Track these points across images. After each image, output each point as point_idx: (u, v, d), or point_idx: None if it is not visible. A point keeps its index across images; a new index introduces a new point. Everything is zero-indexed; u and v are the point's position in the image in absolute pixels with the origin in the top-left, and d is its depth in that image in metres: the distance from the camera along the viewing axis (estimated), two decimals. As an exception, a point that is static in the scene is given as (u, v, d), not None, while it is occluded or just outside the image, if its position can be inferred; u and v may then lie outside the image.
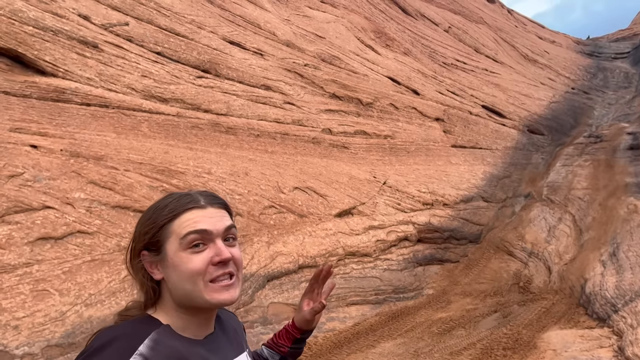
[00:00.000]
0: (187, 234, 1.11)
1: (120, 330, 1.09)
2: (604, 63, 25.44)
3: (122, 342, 1.04)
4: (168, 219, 1.14)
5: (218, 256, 1.12)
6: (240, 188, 8.24)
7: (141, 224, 1.18)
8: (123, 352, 1.02)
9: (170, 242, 1.13)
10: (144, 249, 1.16)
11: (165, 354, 1.06)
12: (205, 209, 1.16)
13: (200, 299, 1.12)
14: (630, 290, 6.70)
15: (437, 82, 14.65)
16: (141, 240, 1.16)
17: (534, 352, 5.65)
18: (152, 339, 1.07)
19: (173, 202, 1.17)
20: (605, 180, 12.29)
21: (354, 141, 11.27)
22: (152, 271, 1.15)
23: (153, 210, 1.18)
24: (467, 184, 11.41)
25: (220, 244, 1.13)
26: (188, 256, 1.11)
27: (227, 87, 9.90)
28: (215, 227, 1.14)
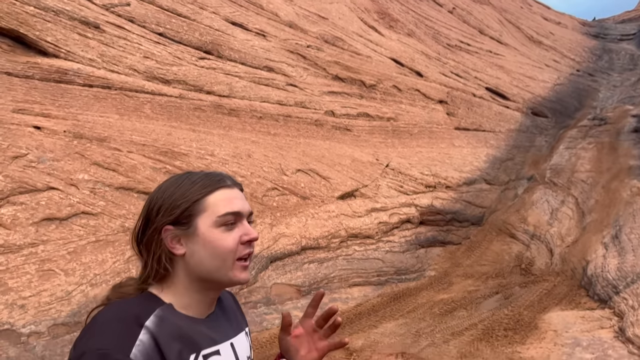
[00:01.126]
0: (225, 214, 1.14)
1: (126, 306, 1.10)
2: (610, 45, 25.19)
3: (129, 318, 1.06)
4: (202, 195, 1.15)
5: (247, 235, 1.16)
6: (243, 170, 8.25)
7: (165, 199, 1.16)
8: (130, 326, 1.04)
9: (202, 218, 1.14)
10: (170, 223, 1.15)
11: (170, 330, 1.08)
12: (232, 189, 1.20)
13: (224, 276, 1.14)
14: (632, 272, 6.73)
15: (441, 64, 14.55)
16: (169, 214, 1.15)
17: (535, 332, 5.70)
18: (157, 315, 1.09)
19: (202, 178, 1.19)
20: (609, 163, 12.27)
21: (356, 123, 11.24)
22: (173, 246, 1.15)
23: (179, 186, 1.17)
24: (470, 167, 11.40)
25: (247, 224, 1.18)
26: (221, 234, 1.13)
27: (230, 69, 9.86)
28: (244, 208, 1.19)
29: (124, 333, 1.03)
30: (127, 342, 1.01)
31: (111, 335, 1.01)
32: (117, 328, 1.03)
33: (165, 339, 1.06)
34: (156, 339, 1.05)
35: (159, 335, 1.05)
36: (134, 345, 1.01)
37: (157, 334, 1.05)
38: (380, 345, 5.50)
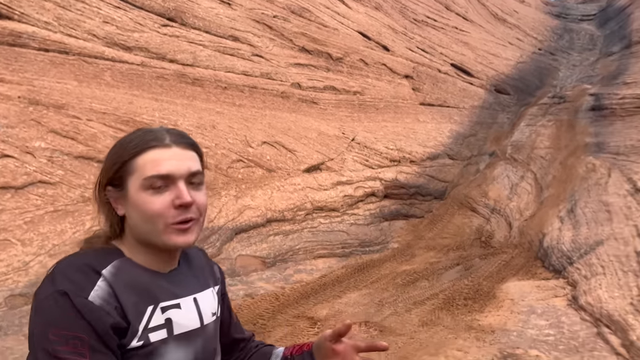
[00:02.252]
0: (150, 177, 1.08)
1: (85, 257, 1.10)
2: (571, 25, 25.67)
3: (86, 266, 1.06)
4: (131, 156, 1.11)
5: (178, 199, 1.08)
6: (207, 141, 8.12)
7: (107, 158, 1.16)
8: (88, 273, 1.04)
9: (132, 179, 1.10)
10: (108, 183, 1.14)
11: (126, 280, 1.07)
12: (169, 148, 1.12)
13: (157, 240, 1.10)
14: (586, 244, 7.00)
15: (407, 39, 14.55)
16: (106, 175, 1.14)
17: (493, 301, 5.89)
18: (115, 266, 1.08)
19: (138, 137, 1.14)
20: (567, 140, 12.62)
21: (323, 96, 11.18)
22: (116, 206, 1.14)
23: (119, 145, 1.15)
24: (434, 142, 11.54)
25: (182, 187, 1.09)
26: (149, 197, 1.08)
27: (194, 37, 9.60)
28: (178, 169, 1.10)
29: (82, 278, 1.03)
30: (86, 286, 1.02)
31: (70, 280, 1.02)
32: (76, 274, 1.03)
33: (122, 288, 1.05)
34: (112, 287, 1.04)
35: (115, 285, 1.05)
36: (92, 290, 1.02)
37: (113, 283, 1.04)
38: (344, 315, 5.58)
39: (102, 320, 1.00)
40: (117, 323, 1.02)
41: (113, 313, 1.02)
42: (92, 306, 1.00)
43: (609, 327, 4.61)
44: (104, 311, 1.01)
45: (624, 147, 11.02)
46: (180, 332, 1.11)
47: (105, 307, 1.01)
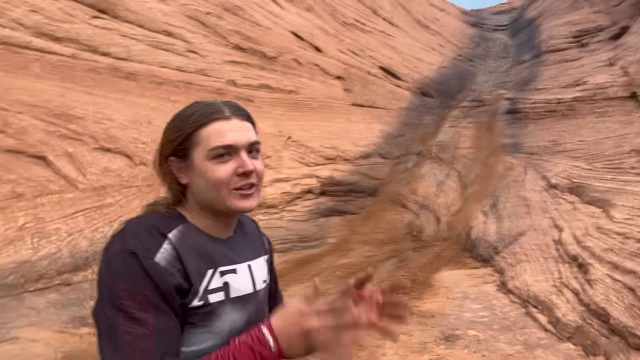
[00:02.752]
0: (215, 147, 1.15)
1: (153, 219, 1.16)
2: (486, 34, 27.31)
3: (154, 228, 1.11)
4: (194, 128, 1.16)
5: (242, 168, 1.16)
6: (143, 137, 7.94)
7: (168, 130, 1.21)
8: (155, 235, 1.10)
9: (197, 150, 1.16)
10: (171, 155, 1.19)
11: (190, 244, 1.13)
12: (229, 120, 1.18)
13: (222, 205, 1.17)
14: (509, 235, 7.57)
15: (338, 41, 14.89)
16: (168, 147, 1.19)
17: (430, 289, 6.24)
18: (180, 230, 1.14)
19: (199, 110, 1.19)
20: (486, 140, 13.47)
21: (258, 95, 11.22)
22: (179, 175, 1.19)
23: (179, 118, 1.21)
24: (366, 141, 11.92)
25: (244, 156, 1.17)
26: (213, 166, 1.15)
27: (126, 30, 9.33)
28: (240, 140, 1.17)
29: (149, 240, 1.09)
30: (152, 248, 1.08)
31: (139, 240, 1.08)
32: (144, 235, 1.09)
33: (186, 251, 1.12)
34: (177, 250, 1.10)
35: (180, 248, 1.11)
36: (158, 251, 1.08)
37: (178, 246, 1.11)
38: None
39: (167, 281, 1.06)
40: (179, 284, 1.08)
41: (176, 275, 1.08)
42: (158, 267, 1.05)
43: (537, 307, 5.06)
44: (169, 272, 1.07)
45: (537, 147, 11.94)
46: (236, 295, 1.18)
47: (170, 269, 1.07)
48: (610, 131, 10.52)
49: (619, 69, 12.87)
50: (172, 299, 1.07)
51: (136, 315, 1.02)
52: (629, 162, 8.19)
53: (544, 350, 4.30)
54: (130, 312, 1.02)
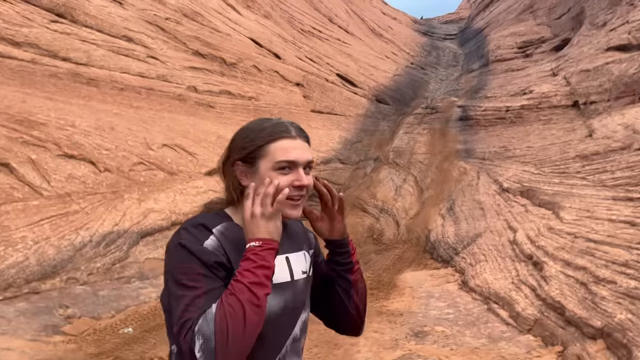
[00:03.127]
0: (280, 161, 1.35)
1: (202, 218, 1.37)
2: (437, 42, 28.23)
3: (202, 225, 1.34)
4: (265, 142, 1.37)
5: (299, 181, 1.37)
6: (107, 143, 7.86)
7: (240, 139, 1.41)
8: (202, 230, 1.32)
9: (264, 160, 1.36)
10: (239, 160, 1.39)
11: (232, 239, 1.34)
12: (295, 139, 1.40)
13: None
14: (467, 237, 7.96)
15: (297, 48, 15.10)
16: (238, 153, 1.39)
17: (396, 289, 6.51)
18: (224, 226, 1.36)
19: (270, 127, 1.40)
20: (440, 146, 13.98)
21: (219, 100, 11.27)
22: (241, 178, 1.40)
23: (252, 130, 1.41)
24: (326, 147, 12.16)
25: (301, 172, 1.38)
26: (277, 176, 1.35)
27: (86, 35, 9.22)
28: (301, 158, 1.38)
29: (198, 233, 1.32)
30: (200, 238, 1.31)
31: (190, 233, 1.31)
32: (194, 230, 1.32)
33: (228, 244, 1.33)
34: (221, 242, 1.32)
35: (223, 240, 1.33)
36: (205, 240, 1.31)
37: (222, 239, 1.33)
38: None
39: (211, 257, 1.28)
40: (222, 262, 1.29)
41: (220, 256, 1.30)
42: (203, 249, 1.28)
43: (497, 303, 5.40)
44: (213, 253, 1.29)
45: (489, 153, 12.52)
46: (274, 282, 1.36)
47: (215, 251, 1.30)
48: (555, 137, 11.19)
49: (562, 78, 13.68)
50: (217, 270, 1.28)
51: (190, 284, 1.24)
52: (574, 166, 8.78)
53: (506, 342, 4.62)
54: (185, 283, 1.24)
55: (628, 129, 8.45)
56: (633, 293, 4.15)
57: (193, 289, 1.24)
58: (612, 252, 4.94)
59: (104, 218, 6.98)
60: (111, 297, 6.27)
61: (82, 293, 6.03)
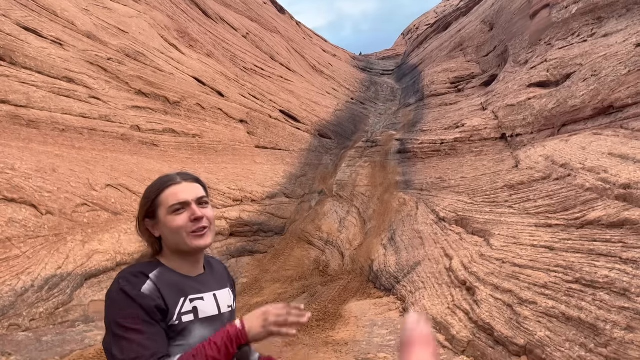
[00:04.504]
0: (172, 205, 1.62)
1: (138, 267, 1.60)
2: (375, 78, 29.38)
3: (139, 272, 1.56)
4: (156, 195, 1.65)
5: (193, 215, 1.63)
6: (49, 185, 7.80)
7: (141, 200, 1.69)
8: (139, 277, 1.54)
9: (161, 209, 1.63)
10: (145, 217, 1.65)
11: (167, 281, 1.58)
12: (180, 184, 1.67)
13: (185, 245, 1.63)
14: (407, 266, 8.35)
15: (240, 86, 15.43)
16: (142, 212, 1.67)
17: (341, 320, 6.76)
18: (158, 272, 1.59)
19: (158, 182, 1.69)
20: (381, 178, 14.54)
21: (163, 139, 11.36)
22: (153, 231, 1.65)
23: (147, 191, 1.69)
24: (271, 182, 12.42)
25: (194, 207, 1.64)
26: (173, 217, 1.61)
27: (25, 77, 9.17)
28: (189, 196, 1.65)
29: (135, 280, 1.53)
30: (138, 284, 1.52)
31: (127, 281, 1.52)
32: (131, 277, 1.54)
33: (164, 286, 1.56)
34: (157, 285, 1.55)
35: (159, 284, 1.56)
36: (143, 286, 1.52)
37: (158, 283, 1.56)
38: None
39: (149, 303, 1.49)
40: (159, 305, 1.51)
41: (157, 300, 1.52)
42: (142, 294, 1.49)
43: (435, 328, 5.75)
44: (151, 298, 1.50)
45: (426, 184, 13.15)
46: (204, 316, 1.63)
47: (152, 296, 1.51)
48: (486, 168, 11.94)
49: (491, 112, 14.65)
50: (156, 315, 1.51)
51: (134, 327, 1.46)
52: (503, 196, 9.43)
53: (443, 364, 4.96)
54: (127, 326, 1.47)
55: (548, 160, 9.21)
56: (551, 312, 4.60)
57: (138, 332, 1.46)
58: (533, 275, 5.42)
59: (47, 262, 6.90)
60: (55, 342, 6.18)
61: (24, 339, 5.92)
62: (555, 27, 15.18)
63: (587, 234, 5.64)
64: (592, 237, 5.43)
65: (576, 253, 5.31)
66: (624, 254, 4.64)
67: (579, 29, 13.76)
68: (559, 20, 15.07)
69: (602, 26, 12.79)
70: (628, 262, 4.48)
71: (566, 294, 4.69)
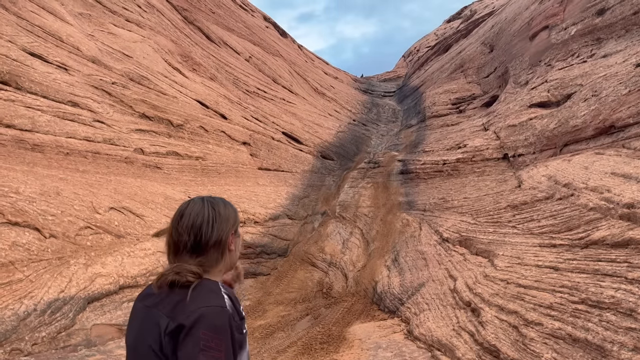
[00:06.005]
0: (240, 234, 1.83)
1: (207, 283, 1.66)
2: (377, 100, 29.59)
3: (216, 288, 1.65)
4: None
5: (243, 240, 1.79)
6: (52, 208, 7.83)
7: (234, 216, 1.82)
8: (221, 294, 1.63)
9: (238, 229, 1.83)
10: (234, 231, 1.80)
11: (229, 293, 1.68)
12: None
13: (235, 264, 1.84)
14: (411, 287, 8.30)
15: (242, 108, 15.55)
16: (234, 226, 1.80)
17: (345, 342, 6.70)
18: (222, 285, 1.69)
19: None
20: (384, 199, 14.53)
21: (166, 162, 11.41)
22: (230, 243, 1.75)
23: (234, 208, 1.85)
24: (274, 204, 12.42)
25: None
26: (237, 239, 1.81)
27: (31, 102, 9.27)
28: None
29: (221, 297, 1.62)
30: (225, 301, 1.61)
31: (215, 298, 1.60)
32: (214, 294, 1.62)
33: (234, 300, 1.68)
34: (232, 299, 1.65)
35: (232, 297, 1.66)
36: (226, 302, 1.61)
37: (231, 297, 1.66)
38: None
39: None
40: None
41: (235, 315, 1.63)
42: None
43: (440, 350, 5.70)
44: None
45: (429, 204, 13.14)
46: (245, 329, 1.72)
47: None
48: (489, 189, 11.94)
49: (492, 133, 14.70)
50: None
51: None
52: (506, 216, 9.41)
53: (449, 387, 4.89)
54: None
55: (551, 179, 9.21)
56: (557, 333, 4.56)
57: None
58: (539, 296, 5.38)
59: (49, 285, 6.89)
60: (57, 367, 6.13)
61: (26, 364, 5.88)
62: (554, 48, 15.32)
63: (591, 253, 5.61)
64: (597, 257, 5.40)
65: (581, 273, 5.28)
66: (629, 273, 4.61)
67: (579, 50, 13.89)
68: (558, 42, 15.22)
69: (602, 47, 12.91)
70: (634, 282, 4.45)
71: (572, 314, 4.65)
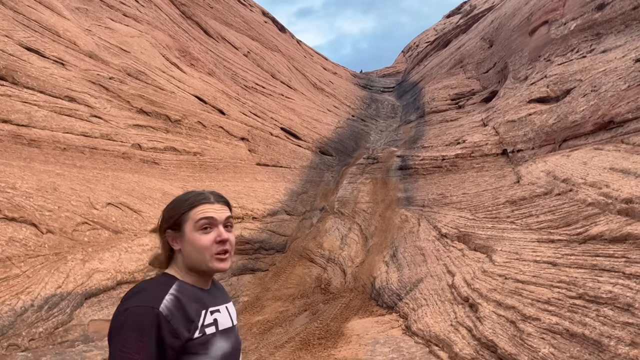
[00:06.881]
0: (200, 218, 1.59)
1: (155, 280, 1.59)
2: (376, 95, 29.52)
3: (159, 286, 1.55)
4: (188, 209, 1.62)
5: (219, 237, 1.61)
6: (49, 204, 7.80)
7: (167, 210, 1.65)
8: (162, 292, 1.52)
9: (187, 224, 1.61)
10: (168, 228, 1.61)
11: (188, 293, 1.57)
12: (213, 204, 1.66)
13: (205, 266, 1.61)
14: (409, 283, 8.29)
15: (241, 104, 15.50)
16: (167, 222, 1.64)
17: (343, 338, 6.69)
18: (178, 285, 1.58)
19: (192, 197, 1.65)
20: (383, 195, 14.51)
21: (164, 157, 11.38)
22: (172, 243, 1.63)
23: (176, 201, 1.65)
24: (272, 199, 12.40)
25: (221, 229, 1.63)
26: (200, 236, 1.60)
27: (27, 97, 9.23)
28: (219, 216, 1.64)
29: (156, 294, 1.51)
30: (158, 299, 1.50)
31: (147, 297, 1.50)
32: (152, 293, 1.53)
33: (186, 299, 1.55)
34: (180, 299, 1.53)
35: (181, 297, 1.54)
36: (162, 301, 1.49)
37: (180, 297, 1.54)
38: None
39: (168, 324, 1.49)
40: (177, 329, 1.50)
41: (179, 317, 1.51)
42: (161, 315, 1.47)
43: (438, 345, 5.69)
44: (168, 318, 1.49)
45: (428, 200, 13.12)
46: (223, 328, 1.61)
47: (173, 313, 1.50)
48: (488, 184, 11.92)
49: (491, 128, 14.67)
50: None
51: None
52: (504, 212, 9.39)
53: (446, 382, 4.88)
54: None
55: (549, 175, 9.18)
56: (554, 328, 4.54)
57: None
58: (537, 291, 5.37)
59: (47, 281, 6.87)
60: (54, 363, 6.11)
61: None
62: (554, 43, 15.27)
63: (589, 249, 5.60)
64: (595, 252, 5.39)
65: (579, 268, 5.26)
66: (627, 268, 4.60)
67: (578, 45, 13.84)
68: (557, 37, 15.17)
69: (601, 42, 12.87)
70: (631, 277, 4.44)
71: (570, 309, 4.63)
